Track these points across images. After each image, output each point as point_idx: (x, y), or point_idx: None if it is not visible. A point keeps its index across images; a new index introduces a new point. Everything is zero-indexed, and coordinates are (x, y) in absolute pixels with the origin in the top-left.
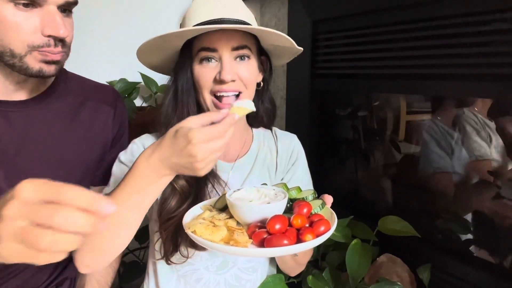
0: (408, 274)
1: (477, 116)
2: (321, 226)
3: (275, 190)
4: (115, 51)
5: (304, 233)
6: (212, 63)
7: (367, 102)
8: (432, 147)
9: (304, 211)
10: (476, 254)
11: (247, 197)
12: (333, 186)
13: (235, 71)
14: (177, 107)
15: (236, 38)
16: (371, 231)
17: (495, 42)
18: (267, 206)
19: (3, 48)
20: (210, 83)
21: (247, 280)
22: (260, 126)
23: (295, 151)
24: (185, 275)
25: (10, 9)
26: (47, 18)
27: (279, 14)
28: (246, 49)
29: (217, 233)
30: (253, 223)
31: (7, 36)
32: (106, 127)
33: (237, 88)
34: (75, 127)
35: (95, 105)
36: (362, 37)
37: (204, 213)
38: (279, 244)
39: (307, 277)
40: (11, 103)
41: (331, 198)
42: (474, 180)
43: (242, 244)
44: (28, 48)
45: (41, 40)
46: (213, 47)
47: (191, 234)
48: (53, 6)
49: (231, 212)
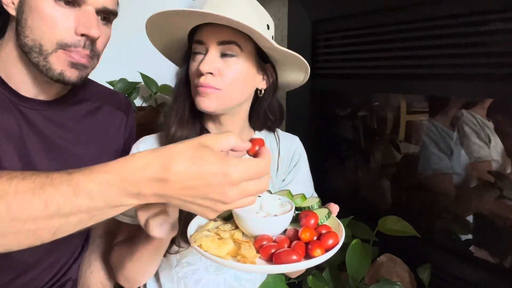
0: (408, 274)
1: (476, 117)
2: (329, 239)
3: (281, 199)
4: (115, 51)
5: (313, 248)
6: (199, 56)
7: (367, 102)
8: (434, 146)
9: (311, 222)
10: (476, 254)
11: (252, 207)
12: (333, 186)
13: (216, 65)
14: (176, 98)
15: (225, 33)
16: (371, 231)
17: (494, 42)
18: (274, 219)
19: (34, 42)
20: (194, 75)
21: (247, 280)
22: (263, 129)
23: (297, 153)
24: (185, 277)
25: (50, 3)
26: (82, 17)
27: (279, 14)
28: (234, 45)
29: (224, 247)
30: (260, 236)
31: (41, 29)
32: (120, 132)
33: (215, 83)
34: (91, 129)
35: (110, 110)
36: (362, 37)
37: (208, 224)
38: (288, 260)
39: (307, 277)
40: (36, 102)
41: (337, 207)
42: (474, 181)
43: (250, 260)
44: (57, 45)
45: (72, 39)
46: (202, 39)
47: (198, 248)
48: (91, 8)
49: (237, 223)
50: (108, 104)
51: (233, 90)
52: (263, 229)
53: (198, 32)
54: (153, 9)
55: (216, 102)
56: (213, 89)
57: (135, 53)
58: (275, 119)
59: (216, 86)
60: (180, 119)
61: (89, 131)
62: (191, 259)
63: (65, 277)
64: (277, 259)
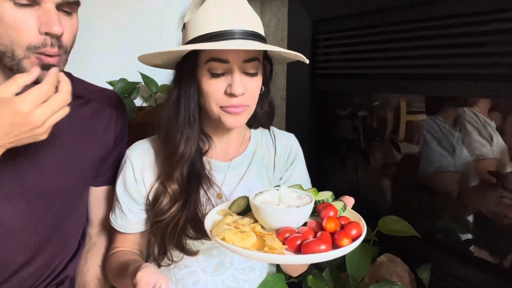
0: (408, 274)
1: (478, 115)
2: (353, 229)
3: (298, 192)
4: (115, 51)
5: (339, 238)
6: (222, 75)
7: (367, 102)
8: (433, 146)
9: (331, 214)
10: (476, 254)
11: (271, 200)
12: (333, 186)
13: (245, 84)
14: (179, 112)
15: (248, 50)
16: (371, 231)
17: (494, 42)
18: (297, 210)
19: (5, 48)
20: (218, 95)
21: (245, 281)
22: (258, 127)
23: (293, 151)
24: (183, 278)
25: (10, 6)
26: (43, 16)
27: (279, 14)
28: (256, 61)
29: (248, 240)
30: (282, 228)
31: (8, 35)
32: (109, 128)
33: (245, 101)
34: (78, 125)
35: (98, 106)
36: (362, 37)
37: (226, 218)
38: (317, 250)
39: (307, 277)
40: None
41: (353, 200)
42: (475, 179)
43: (278, 250)
44: (27, 50)
45: (37, 40)
46: (225, 58)
47: (221, 241)
48: (50, 4)
49: (256, 217)
50: (97, 101)
51: (255, 101)
52: (286, 221)
53: (217, 50)
54: (154, 9)
55: (245, 118)
56: (244, 107)
57: (135, 53)
58: (269, 115)
59: (246, 104)
60: (188, 138)
61: (75, 127)
62: (188, 261)
63: (62, 275)
64: (306, 249)
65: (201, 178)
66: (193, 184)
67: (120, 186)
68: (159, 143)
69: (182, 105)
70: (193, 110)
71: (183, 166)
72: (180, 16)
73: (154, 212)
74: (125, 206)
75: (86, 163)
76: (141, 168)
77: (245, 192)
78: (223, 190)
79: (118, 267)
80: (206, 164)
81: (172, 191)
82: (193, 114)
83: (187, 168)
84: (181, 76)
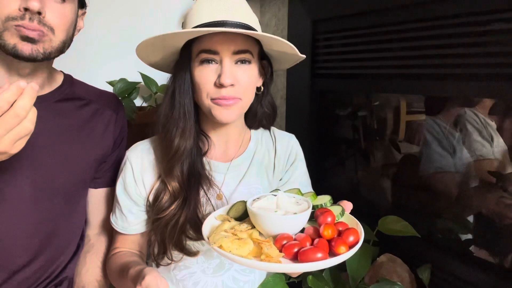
0: (408, 274)
1: (478, 116)
2: (350, 235)
3: (296, 197)
4: (115, 51)
5: (337, 245)
6: (212, 65)
7: (367, 102)
8: (433, 147)
9: (328, 220)
10: (476, 254)
11: (269, 206)
12: (333, 186)
13: (235, 75)
14: (174, 107)
15: (238, 41)
16: (371, 231)
17: (494, 42)
18: (294, 217)
19: None
20: (209, 86)
21: (245, 282)
22: (259, 128)
23: (293, 151)
24: (183, 280)
25: None
26: None
27: (279, 14)
28: (248, 53)
29: (245, 247)
30: (280, 235)
31: None
32: (108, 130)
33: (236, 94)
34: (78, 126)
35: (98, 108)
36: (362, 37)
37: (223, 224)
38: (314, 258)
39: (307, 277)
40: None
41: (351, 205)
42: (475, 179)
43: (275, 259)
44: (5, 21)
45: (16, 13)
46: (215, 49)
47: (218, 249)
48: None
49: (253, 223)
50: (96, 102)
51: (249, 96)
52: (283, 227)
53: (205, 41)
54: (153, 9)
55: (237, 112)
56: (235, 99)
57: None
58: (269, 116)
59: (237, 96)
60: (183, 131)
61: (75, 127)
62: (188, 262)
63: (61, 276)
64: (303, 258)
65: (201, 178)
66: (193, 183)
67: (120, 188)
68: (158, 142)
69: (177, 99)
70: (188, 103)
71: (182, 163)
72: (180, 16)
73: (155, 210)
74: (125, 207)
75: (84, 164)
76: (141, 169)
77: (245, 193)
78: (223, 191)
79: (118, 268)
80: (206, 165)
81: (172, 188)
82: (188, 108)
83: (187, 167)
84: (176, 72)
